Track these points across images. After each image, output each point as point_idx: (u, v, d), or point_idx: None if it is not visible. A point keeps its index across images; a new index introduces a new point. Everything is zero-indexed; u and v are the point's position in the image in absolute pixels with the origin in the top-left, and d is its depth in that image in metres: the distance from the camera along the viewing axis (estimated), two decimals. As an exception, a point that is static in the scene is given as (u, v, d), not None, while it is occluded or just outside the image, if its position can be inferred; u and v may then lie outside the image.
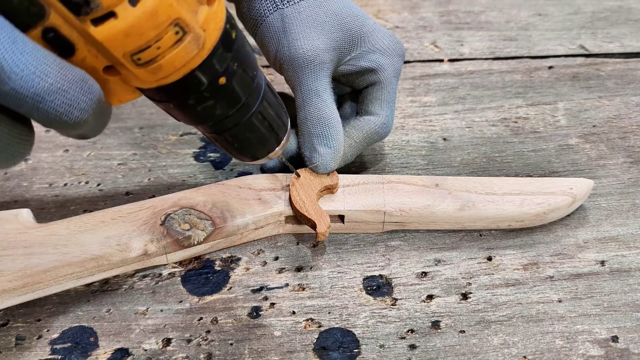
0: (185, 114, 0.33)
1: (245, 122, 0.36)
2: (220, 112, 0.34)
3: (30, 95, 0.27)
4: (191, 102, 0.32)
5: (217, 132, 0.36)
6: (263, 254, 0.45)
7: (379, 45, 0.46)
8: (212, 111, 0.33)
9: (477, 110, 0.57)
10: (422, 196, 0.45)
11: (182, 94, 0.31)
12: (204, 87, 0.31)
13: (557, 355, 0.39)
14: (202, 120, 0.34)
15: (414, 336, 0.40)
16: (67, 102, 0.28)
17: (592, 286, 0.43)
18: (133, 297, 0.43)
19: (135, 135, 0.55)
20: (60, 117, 0.28)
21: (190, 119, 0.34)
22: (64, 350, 0.40)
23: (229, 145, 0.38)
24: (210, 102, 0.33)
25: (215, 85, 0.32)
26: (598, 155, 0.53)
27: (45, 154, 0.53)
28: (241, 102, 0.35)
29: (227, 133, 0.36)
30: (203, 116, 0.34)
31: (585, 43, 0.65)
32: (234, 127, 0.36)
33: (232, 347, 0.40)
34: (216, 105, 0.33)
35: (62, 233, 0.42)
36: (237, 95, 0.34)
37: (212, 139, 0.37)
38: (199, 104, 0.32)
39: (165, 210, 0.43)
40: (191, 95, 0.32)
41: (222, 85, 0.32)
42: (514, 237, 0.46)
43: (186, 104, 0.32)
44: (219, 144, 0.38)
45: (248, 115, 0.36)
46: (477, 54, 0.64)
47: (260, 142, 0.39)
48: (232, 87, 0.33)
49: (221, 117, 0.34)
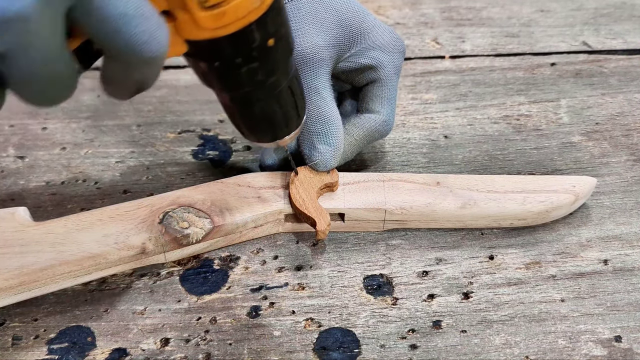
0: (225, 76, 0.33)
1: (277, 94, 0.36)
2: (260, 78, 0.34)
3: (117, 14, 0.27)
4: (238, 62, 0.32)
5: (247, 103, 0.36)
6: (262, 252, 0.45)
7: (379, 42, 0.46)
8: (254, 75, 0.33)
9: (478, 107, 0.57)
10: (423, 194, 0.45)
11: (233, 50, 0.31)
12: (255, 44, 0.32)
13: (560, 355, 0.39)
14: (240, 85, 0.34)
15: (415, 336, 0.40)
16: (148, 31, 0.28)
17: (595, 285, 0.43)
18: (131, 296, 0.43)
19: (133, 133, 0.54)
20: (140, 46, 0.28)
21: (227, 83, 0.34)
22: (61, 350, 0.40)
23: (253, 121, 0.37)
24: (255, 65, 0.33)
25: (264, 46, 0.32)
26: (601, 153, 0.53)
27: (42, 152, 0.53)
28: (280, 71, 0.35)
29: (258, 105, 0.36)
30: (243, 80, 0.33)
31: (588, 39, 0.65)
32: (266, 99, 0.36)
33: (231, 347, 0.40)
34: (259, 69, 0.33)
35: (59, 231, 0.42)
36: (279, 62, 0.34)
37: (235, 113, 0.37)
38: (245, 64, 0.32)
39: (164, 208, 0.43)
40: (241, 52, 0.32)
41: (269, 47, 0.33)
42: (516, 235, 0.46)
43: (232, 64, 0.32)
44: (241, 119, 0.37)
45: (281, 87, 0.36)
46: (478, 51, 0.64)
47: (284, 119, 0.38)
48: (277, 52, 0.33)
49: (259, 84, 0.34)
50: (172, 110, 0.57)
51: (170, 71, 0.61)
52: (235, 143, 0.53)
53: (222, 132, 0.55)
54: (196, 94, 0.58)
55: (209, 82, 0.34)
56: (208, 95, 0.58)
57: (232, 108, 0.37)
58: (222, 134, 0.54)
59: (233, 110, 0.37)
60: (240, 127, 0.39)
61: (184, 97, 0.58)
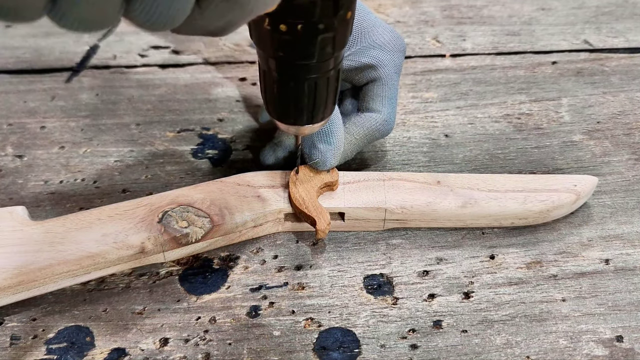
0: (301, 41, 0.33)
1: (329, 76, 0.36)
2: (328, 50, 0.34)
3: None
4: (320, 27, 0.32)
5: (299, 76, 0.35)
6: (262, 252, 0.45)
7: (380, 41, 0.46)
8: (325, 46, 0.34)
9: (479, 106, 0.57)
10: (424, 193, 0.45)
11: (321, 14, 0.32)
12: (340, 13, 0.32)
13: (561, 355, 0.39)
14: (309, 54, 0.34)
15: (416, 336, 0.40)
16: None
17: (596, 285, 0.43)
18: (130, 296, 0.43)
19: (132, 132, 0.54)
20: None
21: (298, 49, 0.34)
22: (60, 350, 0.40)
23: (293, 96, 0.37)
24: (331, 34, 0.33)
25: (344, 17, 0.33)
26: (602, 152, 0.53)
27: (40, 151, 0.53)
28: (343, 48, 0.35)
29: (308, 80, 0.36)
30: (314, 49, 0.34)
31: (589, 38, 0.65)
32: (318, 76, 0.36)
33: (230, 347, 0.40)
34: (331, 41, 0.33)
35: (57, 230, 0.42)
36: (346, 38, 0.35)
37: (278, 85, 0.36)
38: (324, 32, 0.33)
39: (163, 207, 0.43)
40: (326, 18, 0.32)
41: (346, 20, 0.33)
42: (516, 235, 0.46)
43: (313, 29, 0.32)
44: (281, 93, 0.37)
45: (336, 66, 0.36)
46: (479, 49, 0.64)
47: (321, 103, 0.38)
48: (348, 26, 0.34)
49: (324, 57, 0.34)
50: (171, 109, 0.57)
51: (169, 70, 0.61)
52: (234, 142, 0.53)
53: (221, 131, 0.54)
54: (195, 93, 0.58)
55: (271, 46, 0.34)
56: (207, 94, 0.58)
57: (277, 79, 0.36)
58: (222, 133, 0.54)
59: (278, 82, 0.36)
60: (274, 100, 0.38)
61: (183, 96, 0.58)
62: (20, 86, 0.59)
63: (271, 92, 0.37)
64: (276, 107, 0.38)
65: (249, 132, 0.54)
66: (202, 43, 0.64)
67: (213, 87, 0.59)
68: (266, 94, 0.38)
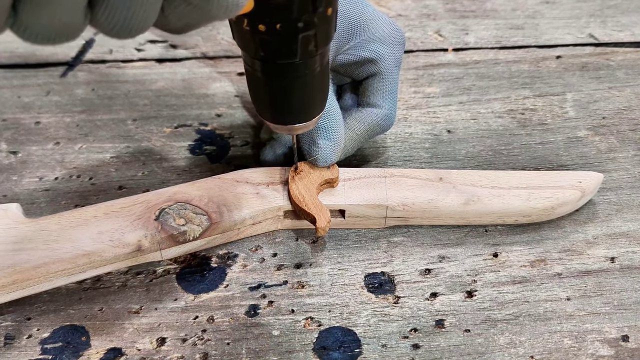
0: (281, 41, 0.33)
1: (315, 73, 0.36)
2: (311, 49, 0.34)
3: None
4: (300, 26, 0.32)
5: (284, 76, 0.36)
6: (261, 250, 0.45)
7: (379, 34, 0.46)
8: (307, 44, 0.34)
9: (482, 101, 0.57)
10: (426, 190, 0.45)
11: (299, 13, 0.32)
12: (319, 10, 0.32)
13: (566, 355, 0.39)
14: (291, 53, 0.34)
15: (417, 335, 0.40)
16: None
17: (601, 283, 0.43)
18: (126, 295, 0.42)
19: (129, 128, 0.54)
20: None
21: (280, 48, 0.34)
22: (55, 350, 0.40)
23: (280, 96, 0.37)
24: (312, 32, 0.33)
25: (324, 13, 0.33)
26: (608, 148, 0.53)
27: (35, 147, 0.52)
28: (326, 46, 0.35)
29: (295, 80, 0.36)
30: (296, 48, 0.34)
31: (594, 32, 0.65)
32: (304, 75, 0.36)
33: (229, 346, 0.40)
34: (313, 38, 0.34)
35: (52, 228, 0.41)
36: (330, 35, 0.35)
37: (265, 86, 0.37)
38: (304, 30, 0.33)
39: (160, 204, 0.43)
40: (305, 16, 0.32)
41: (327, 16, 0.33)
42: (520, 232, 0.46)
43: (293, 28, 0.32)
44: (269, 94, 0.37)
45: (323, 63, 0.36)
46: (482, 43, 0.64)
47: (310, 102, 0.38)
48: (332, 22, 0.34)
49: (307, 55, 0.35)
50: (168, 104, 0.56)
51: (166, 64, 0.61)
52: (233, 138, 0.53)
53: (219, 126, 0.54)
54: (193, 88, 0.58)
55: (253, 47, 0.34)
56: (205, 89, 0.58)
57: (263, 80, 0.36)
58: (220, 129, 0.54)
59: (263, 83, 0.36)
60: (262, 101, 0.38)
61: (181, 91, 0.58)
62: (14, 81, 0.59)
63: (258, 93, 0.37)
64: (265, 108, 0.38)
65: (247, 128, 0.54)
66: (199, 37, 0.63)
67: (211, 82, 0.59)
68: (254, 95, 0.38)
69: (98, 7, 0.25)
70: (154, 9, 0.26)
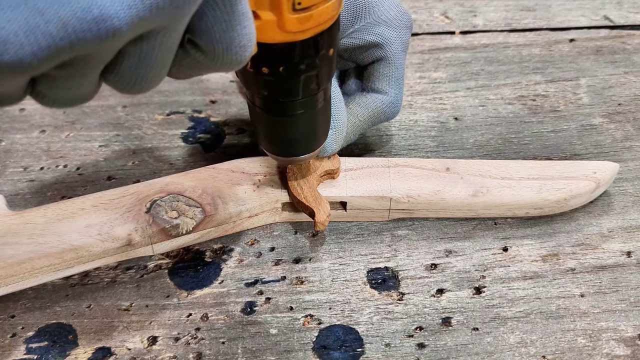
0: (284, 83, 0.35)
1: (321, 106, 0.38)
2: (313, 87, 0.36)
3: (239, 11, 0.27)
4: (302, 68, 0.34)
5: (287, 113, 0.37)
6: (258, 244, 0.45)
7: (385, 17, 0.45)
8: (309, 84, 0.36)
9: (491, 87, 0.57)
10: (432, 181, 0.45)
11: (302, 56, 0.34)
12: (321, 52, 0.34)
13: (580, 354, 0.39)
14: (293, 93, 0.36)
15: (423, 334, 0.40)
16: (249, 35, 0.28)
17: (617, 279, 0.43)
18: (116, 291, 0.43)
19: (118, 115, 0.54)
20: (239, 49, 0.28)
21: (283, 89, 0.36)
22: (41, 350, 0.40)
23: (285, 132, 0.39)
24: (314, 73, 0.35)
25: (326, 54, 0.35)
26: (624, 136, 0.53)
27: (19, 135, 0.52)
28: (329, 82, 0.38)
29: (298, 116, 0.38)
30: (298, 88, 0.36)
31: (610, 13, 0.65)
32: (307, 111, 0.38)
33: (224, 345, 0.40)
34: (315, 78, 0.36)
35: (38, 221, 0.41)
36: (331, 73, 0.37)
37: (269, 123, 0.39)
38: (307, 71, 0.35)
39: (151, 196, 0.43)
40: (308, 59, 0.34)
41: (329, 57, 0.35)
42: (531, 225, 0.46)
43: (296, 70, 0.35)
44: (273, 130, 0.39)
45: (325, 99, 0.38)
46: (491, 26, 0.64)
47: (313, 136, 0.40)
48: (333, 62, 0.36)
49: (310, 93, 0.37)
50: (160, 90, 0.56)
51: (158, 48, 0.60)
52: (228, 125, 0.53)
53: (214, 113, 0.54)
54: (186, 73, 0.58)
55: (255, 86, 0.36)
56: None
57: (265, 116, 0.38)
58: (214, 116, 0.54)
59: (265, 119, 0.39)
60: (264, 136, 0.40)
61: (173, 76, 0.58)
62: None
63: (260, 127, 0.40)
64: (266, 141, 0.41)
65: (243, 115, 0.54)
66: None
67: (205, 67, 0.59)
68: (255, 127, 0.40)
69: (109, 74, 0.27)
70: (163, 71, 0.28)
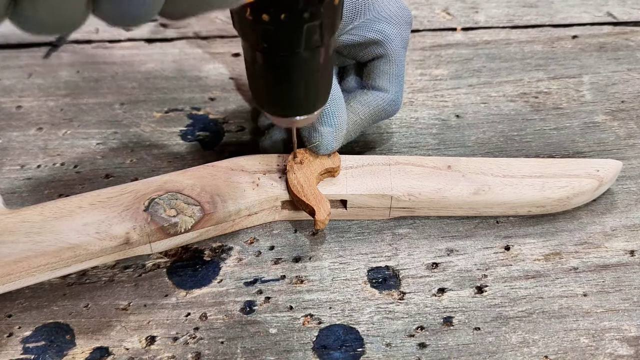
0: (286, 31, 0.34)
1: (319, 64, 0.37)
2: (316, 38, 0.35)
3: None
4: (305, 16, 0.33)
5: (287, 67, 0.36)
6: (257, 242, 0.45)
7: (385, 13, 0.45)
8: (312, 34, 0.34)
9: (493, 84, 0.57)
10: (433, 179, 0.45)
11: (305, 1, 0.33)
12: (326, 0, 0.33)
13: (582, 354, 0.39)
14: (295, 44, 0.35)
15: (424, 334, 0.40)
16: None
17: (620, 278, 0.43)
18: (114, 290, 0.42)
19: (116, 112, 0.54)
20: None
21: (285, 39, 0.34)
22: (38, 349, 0.39)
23: (283, 88, 0.37)
24: (317, 22, 0.34)
25: (332, 2, 0.34)
26: (627, 133, 0.53)
27: (16, 133, 0.52)
28: (332, 36, 0.36)
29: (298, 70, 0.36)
30: (301, 39, 0.34)
31: (613, 10, 0.65)
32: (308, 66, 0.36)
33: (222, 345, 0.40)
34: (319, 29, 0.34)
35: (35, 220, 0.41)
36: (335, 25, 0.35)
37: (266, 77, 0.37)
38: (310, 20, 0.33)
39: (149, 194, 0.43)
40: (312, 6, 0.33)
41: (335, 6, 0.34)
42: (534, 224, 0.46)
43: (298, 18, 0.33)
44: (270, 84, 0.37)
45: (327, 54, 0.37)
46: (493, 22, 0.63)
47: (314, 94, 0.38)
48: (337, 12, 0.35)
49: (313, 45, 0.35)
50: (158, 87, 0.56)
51: (156, 44, 0.60)
52: (227, 123, 0.53)
53: (213, 111, 0.54)
54: (185, 70, 0.58)
55: (255, 37, 0.35)
56: (197, 71, 0.58)
57: (264, 71, 0.37)
58: (213, 113, 0.54)
59: (264, 74, 0.37)
60: (262, 92, 0.38)
61: (172, 73, 0.58)
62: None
63: (258, 83, 0.38)
64: (265, 99, 0.39)
65: (242, 112, 0.54)
66: (191, 15, 0.63)
67: (204, 64, 0.59)
68: (253, 85, 0.39)
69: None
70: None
